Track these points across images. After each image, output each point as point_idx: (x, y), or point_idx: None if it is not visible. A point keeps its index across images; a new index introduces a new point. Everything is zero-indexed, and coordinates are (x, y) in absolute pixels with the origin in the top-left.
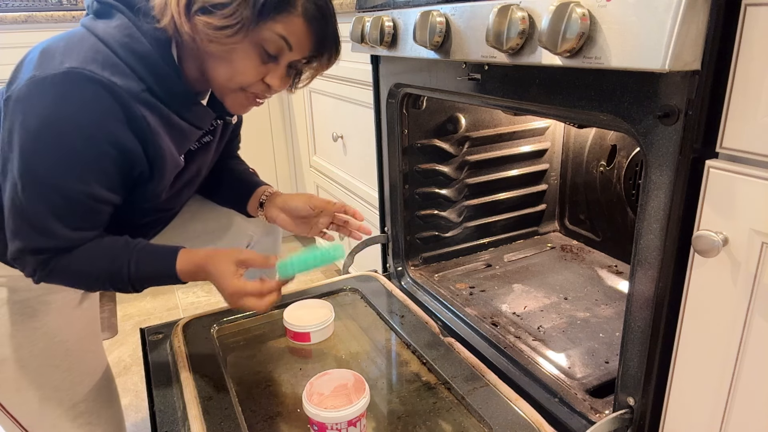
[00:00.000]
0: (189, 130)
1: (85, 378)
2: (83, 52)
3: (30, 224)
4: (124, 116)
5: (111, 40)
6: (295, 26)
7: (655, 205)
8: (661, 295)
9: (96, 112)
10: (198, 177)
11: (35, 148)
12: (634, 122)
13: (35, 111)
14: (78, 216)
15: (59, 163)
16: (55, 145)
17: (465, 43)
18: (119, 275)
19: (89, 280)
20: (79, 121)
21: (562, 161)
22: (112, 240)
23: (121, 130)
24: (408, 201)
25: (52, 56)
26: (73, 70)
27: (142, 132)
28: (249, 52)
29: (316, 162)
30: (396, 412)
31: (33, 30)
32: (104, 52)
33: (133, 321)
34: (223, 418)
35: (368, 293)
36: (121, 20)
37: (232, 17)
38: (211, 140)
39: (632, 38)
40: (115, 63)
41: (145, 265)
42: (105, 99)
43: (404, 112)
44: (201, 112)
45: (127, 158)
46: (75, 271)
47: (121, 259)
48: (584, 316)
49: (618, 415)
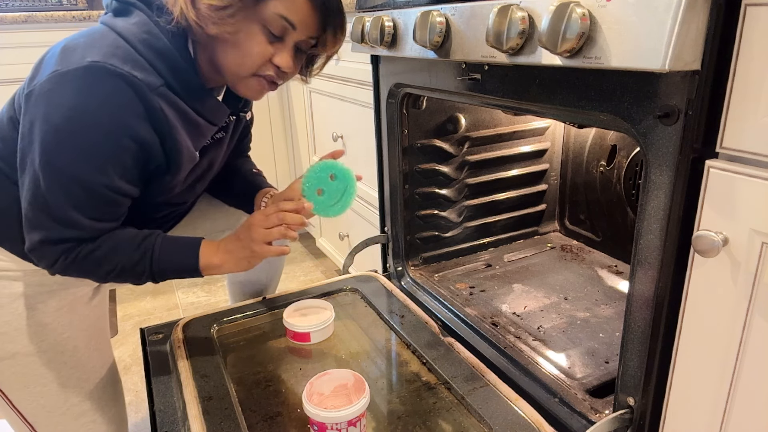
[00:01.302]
0: (205, 125)
1: (91, 375)
2: (105, 47)
3: (51, 215)
4: (144, 110)
5: (131, 37)
6: (297, 4)
7: (655, 205)
8: (661, 295)
9: (117, 106)
10: (210, 172)
11: (57, 140)
12: (634, 122)
13: (57, 104)
14: (98, 208)
15: (81, 154)
16: (76, 137)
17: (465, 43)
18: (141, 264)
19: (110, 268)
20: (100, 114)
21: (562, 161)
22: (134, 231)
23: (140, 123)
24: (408, 201)
25: (74, 51)
26: (95, 64)
27: (160, 125)
28: (253, 33)
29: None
30: (396, 412)
31: (33, 30)
32: (125, 47)
33: (133, 321)
34: (223, 418)
35: (368, 293)
36: (140, 17)
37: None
38: (224, 136)
39: (632, 38)
40: (135, 58)
41: (167, 254)
42: (126, 92)
43: (404, 112)
44: (216, 108)
45: (146, 151)
46: (97, 258)
47: (144, 248)
48: (584, 316)
49: (618, 415)
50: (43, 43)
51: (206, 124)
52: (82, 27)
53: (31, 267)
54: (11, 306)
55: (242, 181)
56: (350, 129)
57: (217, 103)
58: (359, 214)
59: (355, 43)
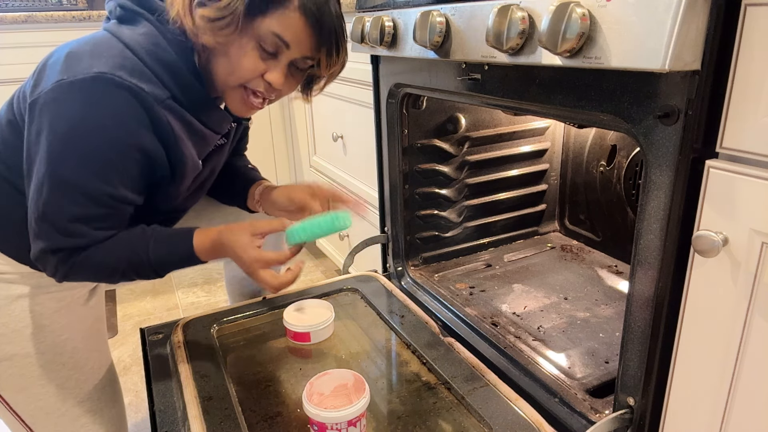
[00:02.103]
0: (209, 135)
1: (90, 376)
2: (111, 57)
3: (53, 225)
4: (149, 121)
5: (138, 48)
6: (292, 22)
7: (655, 205)
8: (661, 295)
9: (123, 117)
10: (211, 178)
11: (62, 150)
12: (634, 122)
13: (64, 114)
14: (101, 217)
15: (86, 165)
16: (82, 148)
17: (465, 43)
18: (140, 262)
19: (112, 270)
20: (106, 125)
21: (562, 161)
22: (128, 231)
23: (146, 134)
24: (408, 201)
25: (80, 60)
26: (103, 75)
27: (166, 137)
28: (246, 47)
29: (316, 162)
30: (396, 412)
31: (33, 30)
32: (132, 59)
33: (133, 321)
34: (223, 418)
35: (368, 293)
36: (147, 28)
37: (225, 9)
38: (225, 143)
39: (632, 38)
40: (142, 70)
41: (163, 249)
42: (132, 104)
43: (404, 112)
44: (220, 117)
45: (151, 161)
46: (96, 263)
47: (140, 247)
48: (584, 316)
49: (618, 415)
50: (43, 43)
51: (211, 133)
52: (82, 27)
53: (27, 269)
54: (9, 308)
55: (236, 177)
56: (350, 129)
57: (221, 112)
58: (359, 213)
59: (355, 43)
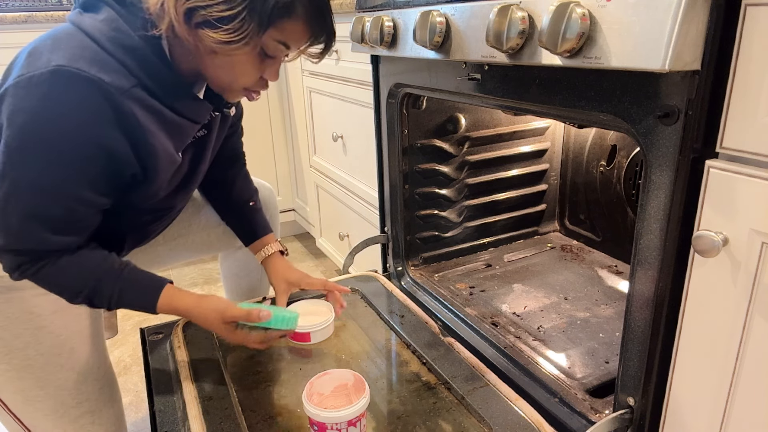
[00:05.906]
0: (185, 124)
1: (88, 377)
2: (70, 48)
3: (8, 224)
4: (113, 115)
5: (98, 35)
6: (295, 28)
7: (655, 205)
8: (661, 295)
9: (84, 112)
10: (196, 174)
11: (20, 148)
12: (634, 122)
13: (22, 110)
14: (61, 220)
15: (44, 164)
16: (40, 146)
17: (465, 43)
18: (101, 296)
19: (70, 293)
20: (65, 121)
21: (562, 161)
22: (100, 257)
23: (109, 130)
24: (408, 201)
25: (40, 55)
26: (61, 68)
27: (132, 130)
28: (250, 56)
29: (316, 162)
30: (396, 412)
31: (33, 30)
32: (92, 47)
33: (133, 321)
34: (223, 418)
35: (368, 293)
36: (108, 13)
37: (237, 32)
38: (206, 134)
39: (632, 38)
40: (103, 59)
41: (129, 294)
42: (93, 98)
43: (404, 112)
44: (196, 105)
45: (116, 159)
46: (57, 283)
47: (107, 283)
48: (584, 316)
49: (618, 415)
50: None
51: (188, 123)
52: None
53: None
54: (8, 310)
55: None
56: (350, 129)
57: (197, 100)
58: (359, 214)
59: (355, 43)
